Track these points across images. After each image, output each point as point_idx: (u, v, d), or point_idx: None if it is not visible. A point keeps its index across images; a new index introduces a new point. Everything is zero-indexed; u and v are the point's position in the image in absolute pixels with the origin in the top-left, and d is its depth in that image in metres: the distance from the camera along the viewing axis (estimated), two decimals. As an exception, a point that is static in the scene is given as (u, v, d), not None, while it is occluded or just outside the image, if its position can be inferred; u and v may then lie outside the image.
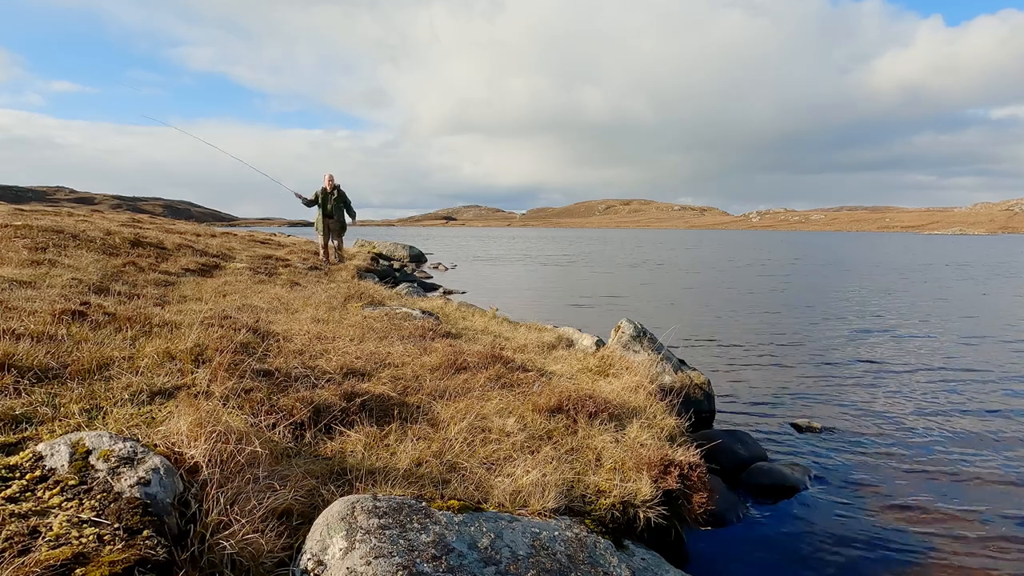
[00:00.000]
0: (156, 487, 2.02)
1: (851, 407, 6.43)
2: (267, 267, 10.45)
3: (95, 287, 6.01)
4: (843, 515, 4.04)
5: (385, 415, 3.41)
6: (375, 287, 9.13)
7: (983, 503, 4.23)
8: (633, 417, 3.84)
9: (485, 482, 2.73)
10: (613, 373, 5.00)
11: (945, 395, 6.90)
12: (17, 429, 2.57)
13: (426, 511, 2.24)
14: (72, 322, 4.18)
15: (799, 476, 4.49)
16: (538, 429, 3.48)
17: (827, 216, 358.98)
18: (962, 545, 3.67)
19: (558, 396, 3.84)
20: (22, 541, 1.68)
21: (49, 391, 3.02)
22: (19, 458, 2.09)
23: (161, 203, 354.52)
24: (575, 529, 2.48)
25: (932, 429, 5.74)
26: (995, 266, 30.09)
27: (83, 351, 3.58)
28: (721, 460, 4.40)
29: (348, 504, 2.16)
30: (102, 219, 15.22)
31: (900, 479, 4.62)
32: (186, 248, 10.79)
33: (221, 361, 3.60)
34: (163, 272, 8.06)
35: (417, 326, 5.85)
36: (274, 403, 3.19)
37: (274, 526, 2.11)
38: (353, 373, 4.11)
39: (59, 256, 7.44)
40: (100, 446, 2.13)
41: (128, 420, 2.80)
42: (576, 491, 2.88)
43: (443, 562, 1.98)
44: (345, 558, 1.92)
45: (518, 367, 4.64)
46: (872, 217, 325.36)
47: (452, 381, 4.14)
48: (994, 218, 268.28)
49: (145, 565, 1.71)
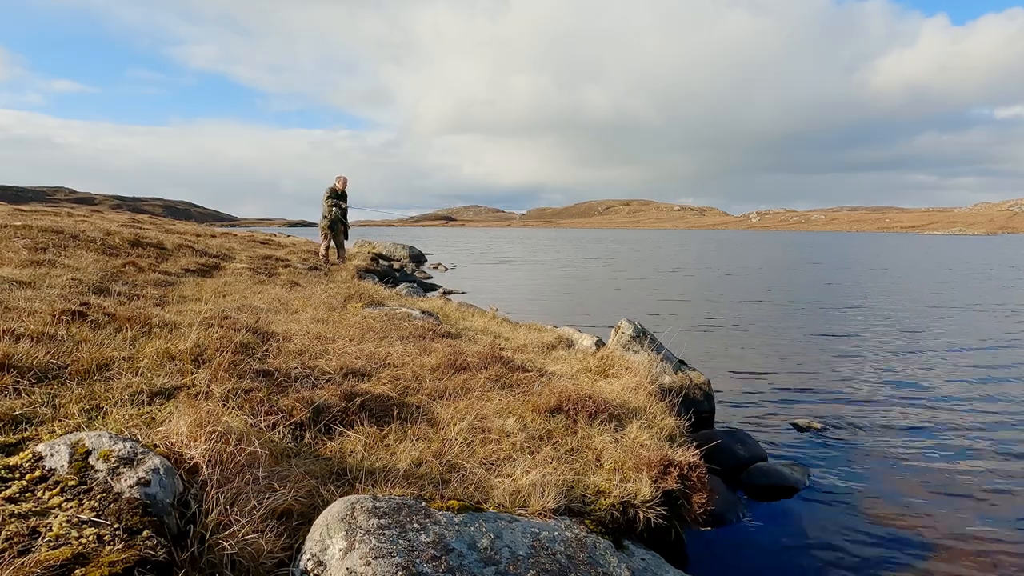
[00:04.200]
0: (156, 487, 2.02)
1: (851, 407, 6.43)
2: (267, 267, 10.45)
3: (95, 287, 6.00)
4: (843, 515, 4.04)
5: (385, 415, 3.40)
6: (375, 287, 9.13)
7: (984, 503, 4.23)
8: (633, 417, 3.84)
9: (485, 482, 2.73)
10: (613, 373, 4.99)
11: (946, 395, 6.90)
12: (17, 429, 2.57)
13: (426, 511, 2.23)
14: (72, 322, 4.18)
15: (799, 476, 4.49)
16: (538, 429, 3.48)
17: (827, 216, 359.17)
18: (962, 545, 3.67)
19: (558, 396, 3.84)
20: (22, 541, 1.68)
21: (49, 391, 3.02)
22: (19, 458, 2.08)
23: (161, 203, 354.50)
24: (575, 529, 2.48)
25: (933, 429, 5.74)
26: (998, 265, 30.10)
27: (83, 351, 3.58)
28: (721, 460, 4.40)
29: (348, 504, 2.16)
30: (102, 219, 15.22)
31: (900, 479, 4.62)
32: (186, 248, 10.79)
33: (221, 361, 3.60)
34: (163, 272, 8.06)
35: (417, 326, 5.85)
36: (274, 403, 3.18)
37: (274, 526, 2.11)
38: (353, 373, 4.11)
39: (59, 256, 7.44)
40: (100, 446, 2.13)
41: (128, 420, 2.80)
42: (576, 491, 2.88)
43: (443, 562, 1.98)
44: (345, 558, 1.92)
45: (518, 367, 4.63)
46: (872, 217, 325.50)
47: (452, 381, 4.14)
48: (994, 218, 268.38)
49: (145, 565, 1.71)
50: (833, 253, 44.94)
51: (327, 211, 12.21)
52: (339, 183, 12.27)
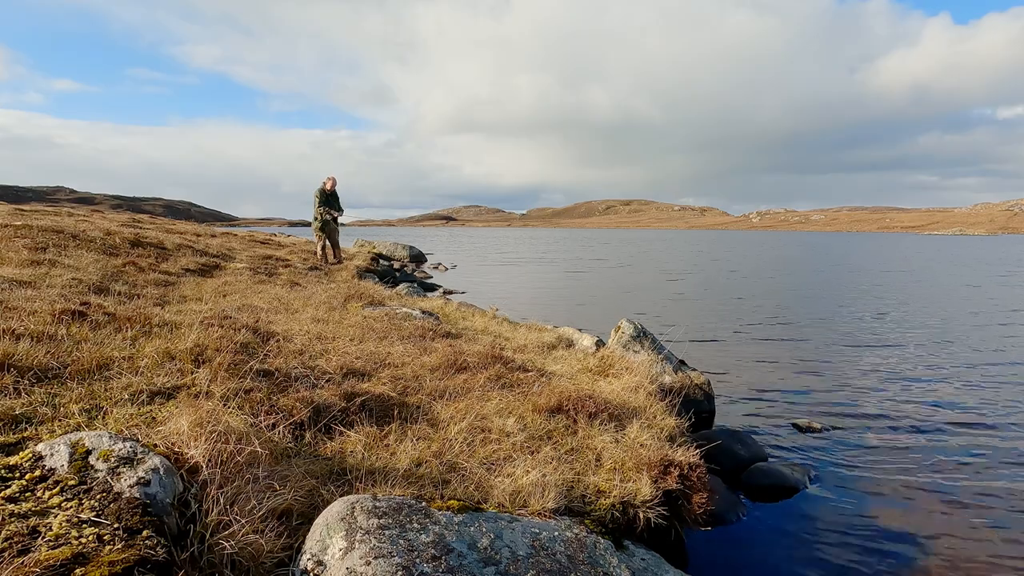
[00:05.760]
0: (156, 487, 2.02)
1: (852, 407, 6.42)
2: (267, 267, 10.45)
3: (95, 287, 6.01)
4: (843, 515, 4.03)
5: (385, 415, 3.40)
6: (375, 287, 9.13)
7: (984, 503, 4.23)
8: (633, 417, 3.84)
9: (485, 482, 2.73)
10: (613, 373, 4.99)
11: (947, 395, 6.90)
12: (17, 429, 2.57)
13: (426, 511, 2.23)
14: (72, 322, 4.18)
15: (799, 476, 4.48)
16: (538, 429, 3.48)
17: (827, 216, 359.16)
18: (963, 545, 3.67)
19: (558, 396, 3.84)
20: (22, 541, 1.68)
21: (49, 391, 3.02)
22: (19, 458, 2.08)
23: (161, 203, 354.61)
24: (575, 529, 2.48)
25: (933, 429, 5.73)
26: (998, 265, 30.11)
27: (83, 351, 3.58)
28: (721, 460, 4.40)
29: (348, 504, 2.16)
30: (102, 219, 15.22)
31: (900, 479, 4.61)
32: (186, 248, 10.79)
33: (221, 361, 3.60)
34: (163, 272, 8.06)
35: (417, 326, 5.85)
36: (274, 403, 3.19)
37: (274, 526, 2.11)
38: (353, 373, 4.11)
39: (59, 256, 7.44)
40: (100, 446, 2.13)
41: (128, 420, 2.80)
42: (576, 491, 2.88)
43: (443, 562, 1.98)
44: (345, 558, 1.92)
45: (518, 367, 4.64)
46: (872, 218, 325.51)
47: (452, 381, 4.14)
48: (994, 218, 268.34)
49: (145, 565, 1.71)
50: (835, 253, 44.91)
51: (317, 213, 12.29)
52: (328, 184, 12.31)
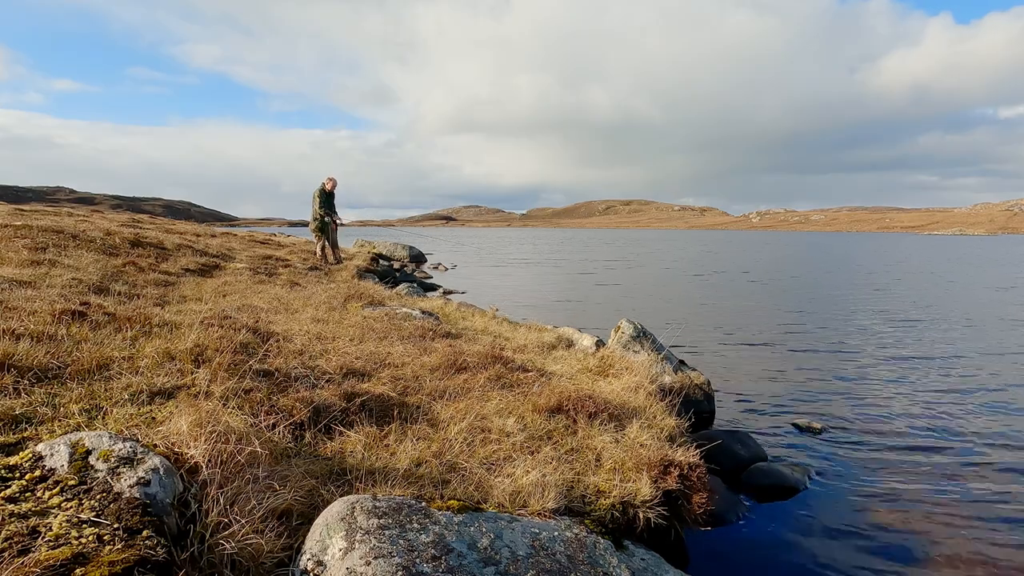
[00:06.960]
0: (156, 487, 2.02)
1: (852, 407, 6.42)
2: (267, 267, 10.45)
3: (95, 287, 6.00)
4: (843, 515, 4.03)
5: (385, 415, 3.40)
6: (375, 287, 9.13)
7: (985, 503, 4.23)
8: (633, 417, 3.84)
9: (485, 482, 2.73)
10: (613, 373, 4.99)
11: (947, 395, 6.90)
12: (17, 429, 2.57)
13: (426, 511, 2.23)
14: (72, 322, 4.18)
15: (799, 476, 4.48)
16: (538, 429, 3.48)
17: (827, 216, 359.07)
18: (963, 545, 3.67)
19: (558, 396, 3.84)
20: (22, 541, 1.68)
21: (49, 391, 3.02)
22: (19, 458, 2.08)
23: (161, 203, 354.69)
24: (575, 529, 2.48)
25: (933, 429, 5.73)
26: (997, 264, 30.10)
27: (83, 351, 3.58)
28: (721, 460, 4.40)
29: (348, 504, 2.16)
30: (102, 219, 15.22)
31: (901, 479, 4.61)
32: (186, 248, 10.79)
33: (221, 361, 3.60)
34: (163, 272, 8.06)
35: (417, 326, 5.85)
36: (274, 403, 3.18)
37: (274, 526, 2.11)
38: (353, 373, 4.11)
39: (59, 256, 7.44)
40: (100, 446, 2.13)
41: (128, 420, 2.80)
42: (576, 491, 2.88)
43: (443, 562, 1.98)
44: (345, 558, 1.92)
45: (518, 367, 4.64)
46: (872, 218, 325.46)
47: (452, 381, 4.14)
48: (994, 218, 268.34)
49: (145, 565, 1.71)
50: (837, 254, 44.89)
51: (316, 213, 12.28)
52: (329, 184, 12.31)
